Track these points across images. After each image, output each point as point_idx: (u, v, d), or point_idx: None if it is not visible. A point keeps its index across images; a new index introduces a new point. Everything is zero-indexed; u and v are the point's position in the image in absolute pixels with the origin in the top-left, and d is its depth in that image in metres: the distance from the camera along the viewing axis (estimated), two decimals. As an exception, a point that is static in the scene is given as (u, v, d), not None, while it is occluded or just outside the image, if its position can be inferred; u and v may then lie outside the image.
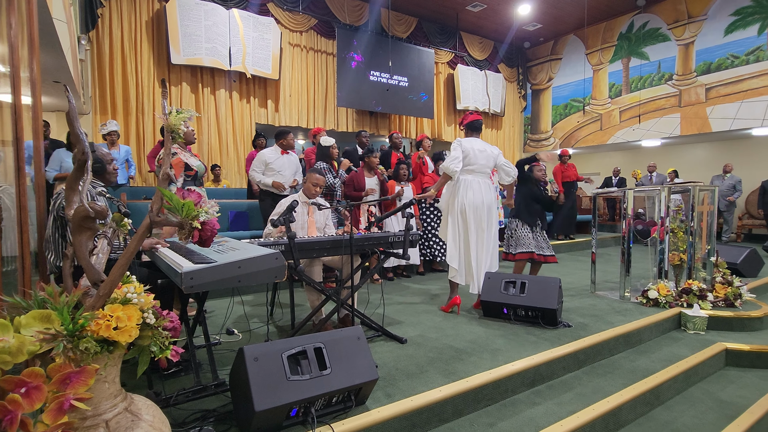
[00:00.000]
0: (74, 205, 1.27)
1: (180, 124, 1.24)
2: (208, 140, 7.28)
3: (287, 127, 5.17)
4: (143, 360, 1.25)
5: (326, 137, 4.65)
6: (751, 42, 7.94)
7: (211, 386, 2.11)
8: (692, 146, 9.78)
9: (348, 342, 1.98)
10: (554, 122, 11.50)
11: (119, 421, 1.13)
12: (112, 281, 1.12)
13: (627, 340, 3.04)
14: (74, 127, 1.29)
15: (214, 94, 7.39)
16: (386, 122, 9.60)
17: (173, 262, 1.82)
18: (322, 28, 8.51)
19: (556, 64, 11.37)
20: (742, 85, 8.07)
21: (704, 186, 4.06)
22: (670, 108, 9.08)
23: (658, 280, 3.90)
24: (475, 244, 3.50)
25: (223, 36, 7.13)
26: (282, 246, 2.49)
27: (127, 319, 1.11)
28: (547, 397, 2.33)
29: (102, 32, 6.41)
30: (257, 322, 3.33)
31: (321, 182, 3.25)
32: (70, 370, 0.99)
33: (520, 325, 3.17)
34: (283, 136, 4.62)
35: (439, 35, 10.08)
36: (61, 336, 1.01)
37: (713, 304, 3.63)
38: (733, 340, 3.15)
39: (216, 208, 1.21)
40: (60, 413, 0.96)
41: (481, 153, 3.56)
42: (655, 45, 9.30)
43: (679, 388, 2.66)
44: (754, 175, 8.45)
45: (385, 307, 3.48)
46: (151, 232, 1.20)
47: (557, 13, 9.66)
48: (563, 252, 7.24)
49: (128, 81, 6.62)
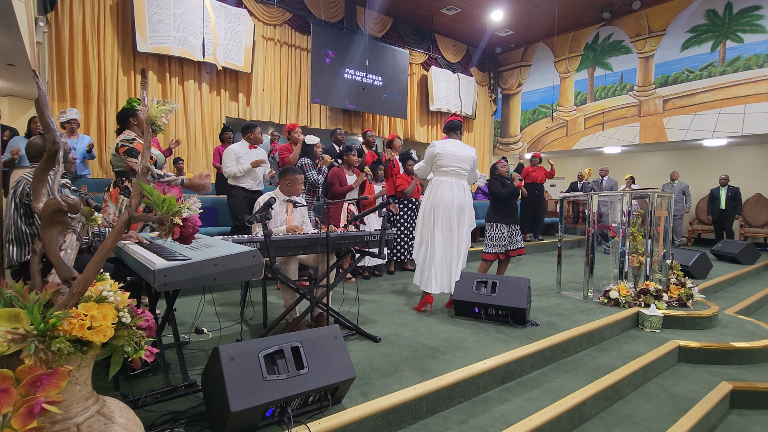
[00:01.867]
0: (43, 198, 1.21)
1: (161, 116, 1.19)
2: (175, 132, 7.02)
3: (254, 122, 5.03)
4: (116, 361, 1.20)
5: (311, 136, 4.58)
6: (704, 58, 8.46)
7: (182, 387, 2.05)
8: (649, 154, 10.32)
9: (325, 341, 1.97)
10: (523, 126, 11.83)
11: (91, 425, 1.08)
12: (86, 278, 1.07)
13: (590, 338, 3.18)
14: (44, 116, 1.22)
15: (182, 84, 7.14)
16: (359, 120, 9.58)
17: (144, 259, 1.75)
18: (297, 22, 8.39)
19: (525, 70, 11.70)
20: (695, 98, 8.59)
21: (662, 192, 4.30)
22: (631, 117, 9.54)
23: (619, 281, 4.10)
24: (442, 244, 3.53)
25: (193, 25, 6.90)
26: (257, 243, 2.45)
27: (102, 318, 1.06)
28: (516, 394, 2.41)
29: (61, 15, 6.06)
30: (227, 320, 3.26)
31: (298, 180, 3.21)
32: (41, 372, 0.94)
33: (491, 324, 3.25)
34: (249, 130, 4.49)
35: (414, 36, 10.15)
36: (32, 336, 0.96)
37: (668, 304, 3.85)
38: (686, 338, 3.35)
39: (198, 204, 1.17)
40: (30, 417, 0.91)
41: (454, 155, 3.60)
42: (618, 56, 9.75)
43: (637, 384, 2.82)
44: (704, 183, 9.02)
45: (359, 306, 3.48)
46: (129, 228, 1.15)
47: (528, 21, 9.94)
48: (530, 253, 7.47)
49: (89, 67, 6.29)
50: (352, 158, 4.69)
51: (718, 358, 3.22)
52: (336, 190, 4.57)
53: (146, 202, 1.12)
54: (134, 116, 3.08)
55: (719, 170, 8.78)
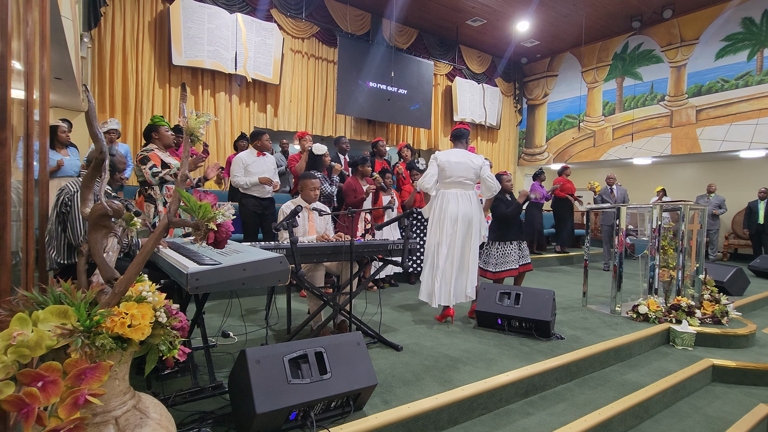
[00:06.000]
0: (89, 203, 1.29)
1: (199, 128, 1.27)
2: (206, 142, 7.27)
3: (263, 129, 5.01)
4: (151, 358, 1.27)
5: (318, 145, 4.51)
6: (740, 67, 8.18)
7: (209, 388, 2.11)
8: (681, 165, 9.99)
9: (348, 347, 2.00)
10: (549, 137, 11.68)
11: (128, 419, 1.14)
12: (128, 279, 1.14)
13: (618, 353, 3.10)
14: (93, 127, 1.32)
15: (213, 96, 7.41)
16: (384, 131, 9.67)
17: (177, 263, 1.83)
18: (324, 36, 8.60)
19: (552, 80, 11.58)
20: (731, 108, 8.30)
21: (694, 205, 4.17)
22: (662, 128, 9.28)
23: (648, 295, 3.97)
24: (446, 256, 3.43)
25: (225, 39, 7.17)
26: (283, 250, 2.51)
27: (141, 317, 1.13)
28: (540, 408, 2.37)
29: (104, 31, 6.42)
30: (252, 325, 3.33)
31: (317, 185, 3.27)
32: (85, 365, 1.01)
33: (514, 336, 3.21)
34: (257, 138, 4.43)
35: (439, 48, 10.22)
36: (78, 332, 1.03)
37: (701, 321, 3.71)
38: (720, 357, 3.22)
39: (231, 211, 1.23)
40: (74, 408, 0.97)
41: (458, 164, 3.51)
42: (648, 66, 9.53)
43: (668, 402, 2.72)
44: (741, 195, 8.65)
45: (381, 315, 3.50)
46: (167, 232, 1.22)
47: (555, 31, 9.86)
48: (554, 265, 7.33)
49: (128, 80, 6.62)
50: (366, 169, 4.64)
51: (756, 378, 3.08)
52: (350, 201, 4.53)
53: (183, 208, 1.18)
54: (156, 131, 3.45)
55: (756, 183, 8.42)
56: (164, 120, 3.57)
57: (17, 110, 1.85)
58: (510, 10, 8.79)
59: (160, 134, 3.44)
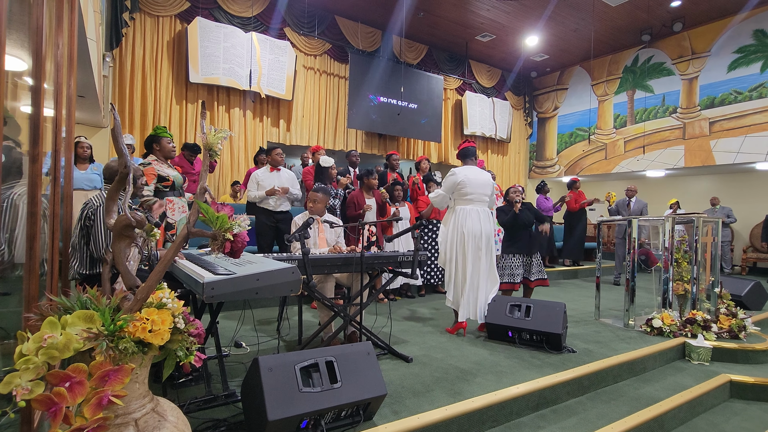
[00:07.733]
0: (114, 215, 1.36)
1: (217, 143, 1.34)
2: (221, 157, 7.45)
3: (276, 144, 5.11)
4: (169, 364, 1.32)
5: (325, 157, 4.61)
6: (754, 79, 8.12)
7: (222, 396, 2.15)
8: (696, 178, 9.87)
9: (358, 357, 2.03)
10: (559, 150, 11.66)
11: (147, 421, 1.19)
12: (149, 286, 1.20)
13: (631, 367, 3.06)
14: (118, 142, 1.40)
15: (228, 112, 7.61)
16: (395, 144, 9.78)
17: (194, 273, 1.90)
18: (336, 52, 8.80)
19: (562, 93, 11.61)
20: (745, 120, 8.22)
21: (708, 218, 4.12)
22: (675, 140, 9.22)
23: (662, 309, 3.92)
24: (471, 273, 3.50)
25: (240, 57, 7.39)
26: (295, 261, 2.57)
27: (161, 323, 1.18)
28: (551, 421, 2.35)
29: (125, 50, 6.68)
30: (264, 336, 3.38)
31: (317, 198, 3.31)
32: (109, 367, 1.06)
33: (525, 349, 3.19)
34: (268, 153, 4.59)
35: (449, 62, 10.36)
36: (103, 336, 1.08)
37: (717, 336, 3.64)
38: (738, 372, 3.15)
39: (247, 222, 1.29)
40: (98, 408, 1.02)
41: (476, 180, 3.59)
42: (659, 78, 9.52)
43: (684, 418, 2.67)
44: (758, 208, 8.50)
45: (392, 326, 3.52)
46: (188, 242, 1.28)
47: (564, 45, 9.94)
48: (568, 278, 7.26)
49: (147, 97, 6.85)
50: (372, 182, 4.70)
51: (776, 395, 3.00)
52: (350, 214, 4.57)
53: (202, 219, 1.25)
54: (157, 142, 3.41)
55: (775, 195, 8.27)
56: (167, 131, 3.60)
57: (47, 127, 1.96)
58: (519, 26, 8.91)
59: (161, 145, 3.45)
